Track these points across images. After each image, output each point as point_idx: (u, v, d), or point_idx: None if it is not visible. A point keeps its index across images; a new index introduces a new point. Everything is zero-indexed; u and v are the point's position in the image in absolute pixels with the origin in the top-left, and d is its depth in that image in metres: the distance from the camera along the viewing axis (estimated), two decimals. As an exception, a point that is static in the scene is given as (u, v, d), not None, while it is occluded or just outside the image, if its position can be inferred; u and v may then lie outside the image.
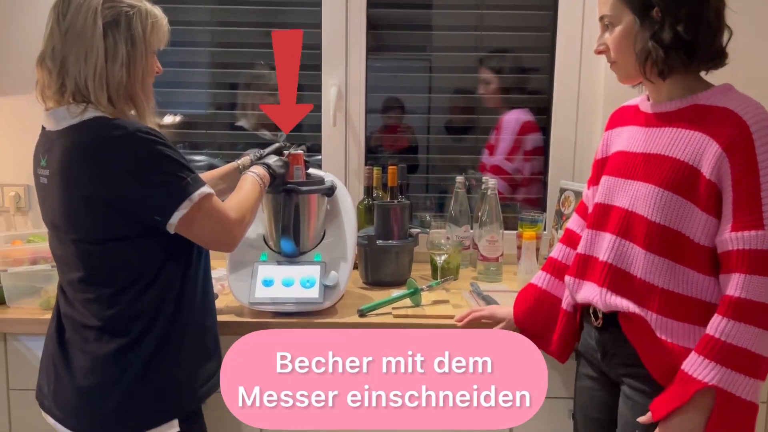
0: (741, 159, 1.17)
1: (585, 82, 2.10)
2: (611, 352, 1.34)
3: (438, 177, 2.35)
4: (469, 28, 2.23)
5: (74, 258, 1.27)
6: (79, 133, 1.22)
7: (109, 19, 1.22)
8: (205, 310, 1.39)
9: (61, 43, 1.22)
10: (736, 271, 1.17)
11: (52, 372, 1.31)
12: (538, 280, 1.54)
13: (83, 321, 1.27)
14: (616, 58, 1.30)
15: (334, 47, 2.11)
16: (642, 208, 1.26)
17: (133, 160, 1.20)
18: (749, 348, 1.16)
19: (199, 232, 1.28)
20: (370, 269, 1.89)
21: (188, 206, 1.23)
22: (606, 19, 1.29)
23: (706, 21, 1.22)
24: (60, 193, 1.23)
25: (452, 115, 2.37)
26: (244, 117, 2.28)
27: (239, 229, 1.34)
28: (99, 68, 1.21)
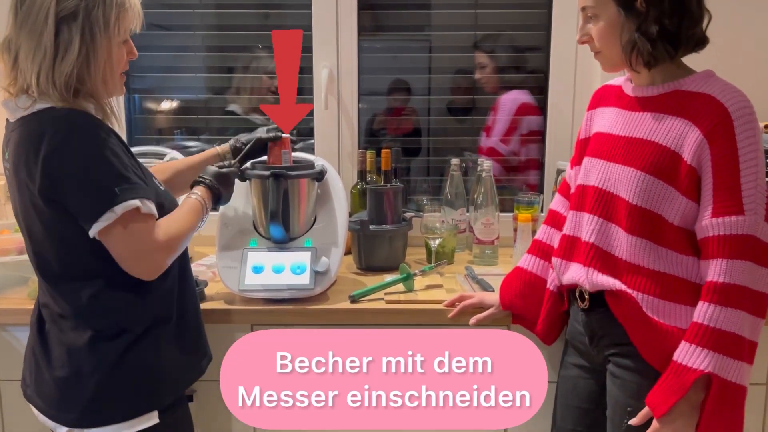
0: (721, 145, 1.18)
1: (582, 61, 2.06)
2: (599, 334, 1.35)
3: (438, 159, 2.32)
4: (467, 6, 2.18)
5: (37, 251, 1.25)
6: (25, 126, 1.19)
7: (65, 12, 1.16)
8: (183, 302, 1.36)
9: (15, 36, 1.18)
10: (717, 257, 1.19)
11: (32, 362, 1.30)
12: (525, 262, 1.54)
13: (59, 311, 1.26)
14: (600, 49, 1.30)
15: (324, 28, 2.07)
16: (623, 191, 1.26)
17: (72, 158, 1.15)
18: (737, 332, 1.18)
19: (116, 248, 1.19)
20: (364, 254, 1.86)
21: (110, 218, 1.16)
22: (589, 11, 1.28)
23: (689, 10, 1.22)
24: (17, 186, 1.21)
25: (453, 96, 2.33)
26: (236, 101, 2.24)
27: (163, 254, 1.24)
28: (46, 66, 1.16)
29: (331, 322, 1.57)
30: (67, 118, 1.17)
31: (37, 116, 1.18)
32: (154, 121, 2.26)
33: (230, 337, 1.57)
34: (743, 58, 1.90)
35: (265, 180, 1.60)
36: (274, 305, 1.57)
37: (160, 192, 1.32)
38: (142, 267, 1.22)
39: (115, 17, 1.20)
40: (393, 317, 1.56)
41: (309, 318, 1.56)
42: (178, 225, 1.28)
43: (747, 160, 1.18)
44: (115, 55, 1.23)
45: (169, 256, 1.26)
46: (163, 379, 1.30)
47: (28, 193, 1.19)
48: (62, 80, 1.17)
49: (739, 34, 1.91)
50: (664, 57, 1.24)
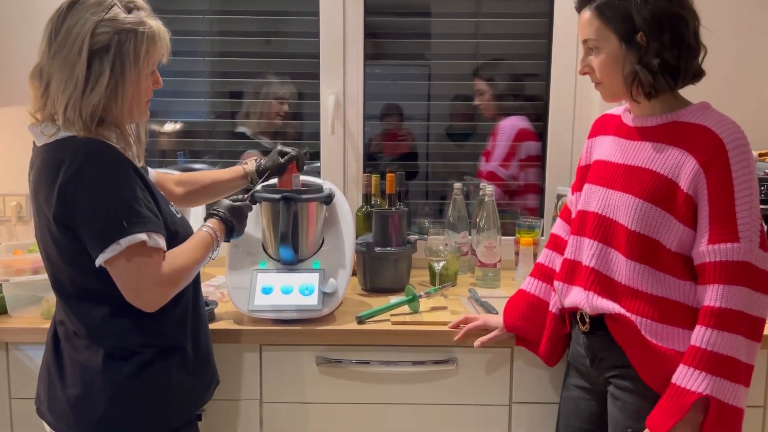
0: (717, 174, 1.22)
1: (581, 89, 2.12)
2: (599, 356, 1.38)
3: (438, 183, 2.36)
4: (467, 35, 2.25)
5: (53, 271, 1.28)
6: (47, 153, 1.22)
7: (98, 45, 1.19)
8: (195, 327, 1.39)
9: (48, 65, 1.21)
10: (714, 282, 1.23)
11: (47, 379, 1.33)
12: (528, 285, 1.58)
13: (74, 329, 1.29)
14: (602, 80, 1.35)
15: (332, 56, 2.13)
16: (622, 218, 1.31)
17: (86, 187, 1.18)
18: (734, 355, 1.21)
19: (119, 280, 1.21)
20: (369, 276, 1.90)
21: (115, 250, 1.18)
22: (590, 43, 1.33)
23: (687, 43, 1.27)
24: (34, 209, 1.25)
25: (452, 121, 2.39)
26: (245, 124, 2.29)
27: (165, 288, 1.24)
28: (75, 97, 1.19)
29: (339, 343, 1.60)
30: (86, 147, 1.20)
31: (59, 144, 1.22)
32: (157, 143, 2.30)
33: (239, 357, 1.60)
34: (736, 90, 1.96)
35: (275, 203, 1.64)
36: (283, 326, 1.60)
37: (176, 220, 1.35)
38: (143, 300, 1.23)
39: (146, 51, 1.23)
40: (399, 338, 1.60)
41: (317, 338, 1.59)
42: (184, 258, 1.28)
43: (741, 189, 1.22)
44: (143, 86, 1.27)
45: (171, 290, 1.26)
46: (172, 402, 1.32)
47: (45, 217, 1.23)
48: (89, 111, 1.20)
49: (732, 68, 1.98)
50: (664, 88, 1.29)
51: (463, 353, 1.60)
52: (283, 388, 1.62)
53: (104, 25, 1.19)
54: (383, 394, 1.62)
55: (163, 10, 1.33)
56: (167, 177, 1.59)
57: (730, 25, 1.92)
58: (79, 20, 1.19)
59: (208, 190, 1.63)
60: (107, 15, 1.20)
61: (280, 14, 2.24)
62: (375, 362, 1.60)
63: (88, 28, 1.18)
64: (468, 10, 2.22)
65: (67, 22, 1.20)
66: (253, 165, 1.66)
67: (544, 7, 2.15)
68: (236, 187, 1.67)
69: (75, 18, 1.19)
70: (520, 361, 1.60)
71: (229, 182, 1.65)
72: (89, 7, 1.20)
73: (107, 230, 1.18)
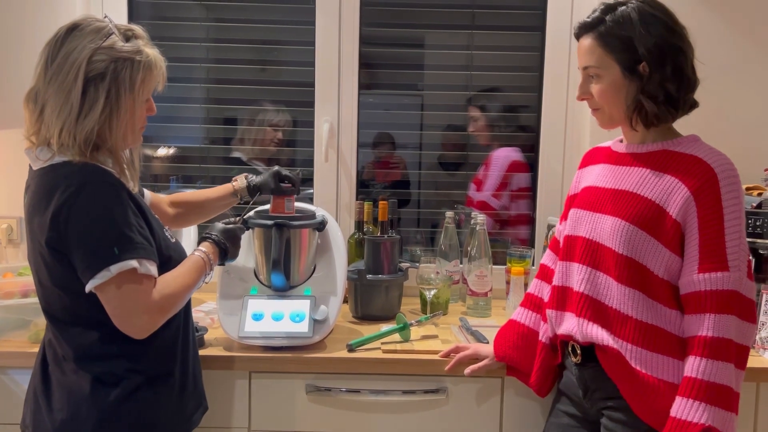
0: (707, 203, 1.24)
1: (572, 120, 2.16)
2: (592, 387, 1.38)
3: (429, 211, 2.38)
4: (460, 67, 2.28)
5: (43, 295, 1.28)
6: (42, 178, 1.23)
7: (94, 73, 1.20)
8: (185, 353, 1.38)
9: (44, 89, 1.22)
10: (705, 311, 1.23)
11: (33, 403, 1.31)
12: (518, 315, 1.58)
13: (62, 353, 1.28)
14: (601, 106, 1.36)
15: (326, 84, 2.16)
16: (609, 241, 1.32)
17: (78, 213, 1.18)
18: (728, 384, 1.22)
19: (108, 306, 1.21)
20: (360, 303, 1.90)
21: (105, 276, 1.17)
22: (591, 70, 1.35)
23: (686, 76, 1.30)
24: (27, 232, 1.25)
25: (444, 151, 2.41)
26: (240, 149, 2.31)
27: (155, 315, 1.23)
28: (69, 123, 1.19)
29: (329, 371, 1.59)
30: (81, 173, 1.20)
31: (54, 169, 1.22)
32: (150, 168, 2.30)
33: (228, 384, 1.59)
34: (723, 123, 1.99)
35: (268, 229, 1.64)
36: (273, 353, 1.59)
37: (170, 245, 1.34)
38: (132, 327, 1.22)
39: (141, 79, 1.24)
40: (390, 367, 1.59)
41: (307, 366, 1.58)
42: (175, 284, 1.27)
43: (731, 219, 1.24)
44: (137, 113, 1.27)
45: (161, 317, 1.25)
46: (158, 428, 1.31)
47: (38, 241, 1.22)
48: (83, 136, 1.20)
49: (720, 101, 2.01)
50: (666, 119, 1.32)
51: (454, 383, 1.60)
52: (272, 416, 1.61)
53: (101, 52, 1.20)
54: (373, 423, 1.61)
55: (161, 38, 1.34)
56: (161, 198, 1.59)
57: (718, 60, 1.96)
58: (77, 47, 1.20)
59: (200, 209, 1.63)
60: (105, 43, 1.21)
61: (276, 43, 2.27)
62: (365, 391, 1.59)
63: (85, 55, 1.19)
64: (461, 43, 2.26)
65: (64, 47, 1.21)
66: (243, 182, 1.66)
67: (536, 41, 2.20)
68: (227, 205, 1.67)
69: (73, 44, 1.20)
70: (511, 391, 1.60)
71: (219, 200, 1.64)
72: (87, 35, 1.21)
73: (97, 256, 1.18)
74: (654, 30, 1.28)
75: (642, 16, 1.28)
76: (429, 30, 2.28)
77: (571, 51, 2.14)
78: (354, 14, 2.13)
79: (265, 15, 2.23)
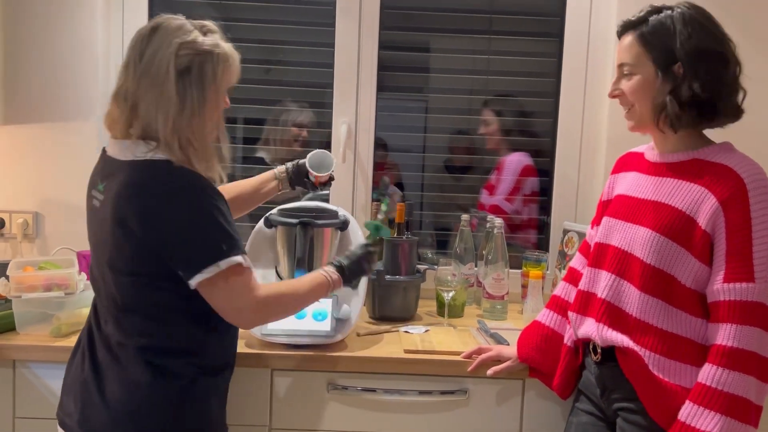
0: (735, 213, 1.24)
1: (588, 126, 2.18)
2: (610, 387, 1.39)
3: (433, 215, 2.38)
4: (476, 71, 2.30)
5: (109, 282, 1.28)
6: (142, 172, 1.24)
7: (182, 66, 1.23)
8: (235, 346, 1.42)
9: (135, 86, 1.25)
10: (726, 321, 1.23)
11: (79, 391, 1.30)
12: (543, 317, 1.58)
13: (118, 340, 1.28)
14: (633, 103, 1.36)
15: (345, 86, 2.17)
16: (638, 251, 1.32)
17: (180, 212, 1.22)
18: (744, 396, 1.20)
19: (216, 300, 1.26)
20: (378, 304, 1.90)
21: (213, 271, 1.22)
22: (626, 68, 1.35)
23: (724, 82, 1.29)
24: (108, 220, 1.25)
25: (453, 154, 2.42)
26: (265, 149, 2.31)
27: (259, 312, 1.31)
28: (171, 116, 1.23)
29: (351, 370, 1.59)
30: (181, 172, 1.24)
31: (154, 165, 1.24)
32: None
33: (249, 382, 1.59)
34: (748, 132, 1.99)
35: (292, 227, 1.65)
36: (295, 351, 1.60)
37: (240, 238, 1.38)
38: (241, 318, 1.31)
39: (222, 71, 1.28)
40: (412, 367, 1.60)
41: (329, 365, 1.59)
42: (286, 285, 1.39)
43: (760, 229, 1.24)
44: (220, 105, 1.32)
45: (267, 310, 1.32)
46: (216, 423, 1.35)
47: (125, 234, 1.23)
48: (184, 131, 1.24)
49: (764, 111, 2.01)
50: (689, 123, 1.31)
51: (475, 384, 1.61)
52: (293, 414, 1.61)
53: (186, 47, 1.24)
54: (394, 423, 1.61)
55: None
56: None
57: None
58: (163, 43, 1.24)
59: (249, 199, 1.67)
60: (188, 38, 1.25)
61: (292, 44, 2.26)
62: (388, 390, 1.60)
63: (172, 50, 1.23)
64: (479, 48, 2.28)
65: (151, 45, 1.24)
66: (283, 169, 1.71)
67: (553, 47, 2.22)
68: (268, 193, 1.70)
69: (159, 41, 1.24)
70: (532, 393, 1.61)
71: (261, 185, 1.68)
72: (172, 31, 1.25)
73: (206, 254, 1.22)
74: (695, 34, 1.28)
75: (685, 20, 1.29)
76: (446, 34, 2.29)
77: (588, 58, 2.16)
78: (374, 17, 2.15)
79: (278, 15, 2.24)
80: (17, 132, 2.06)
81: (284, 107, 2.28)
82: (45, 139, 2.05)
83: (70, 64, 2.04)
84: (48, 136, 2.05)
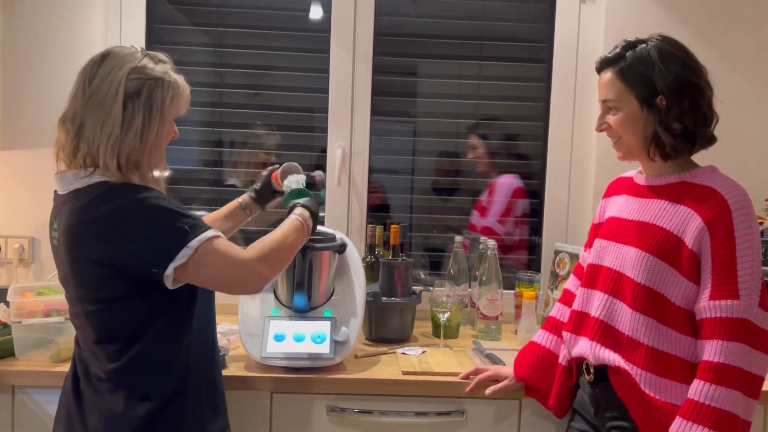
0: (720, 233, 1.28)
1: (577, 149, 2.23)
2: (604, 406, 1.42)
3: (423, 236, 2.41)
4: (466, 96, 2.35)
5: (80, 315, 1.29)
6: (82, 199, 1.25)
7: (131, 90, 1.25)
8: (212, 367, 1.40)
9: (82, 108, 1.26)
10: (714, 338, 1.27)
11: (65, 422, 1.32)
12: (540, 338, 1.62)
13: (95, 372, 1.29)
14: (620, 137, 1.42)
15: (340, 111, 2.21)
16: (629, 270, 1.36)
17: (130, 219, 1.22)
18: (731, 410, 1.24)
19: (207, 278, 1.26)
20: (375, 326, 1.92)
21: (187, 254, 1.21)
22: (610, 103, 1.41)
23: (702, 112, 1.35)
24: (66, 254, 1.26)
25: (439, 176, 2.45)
26: (235, 175, 2.33)
27: (254, 269, 1.28)
28: (113, 136, 1.24)
29: (350, 392, 1.61)
30: (120, 187, 1.25)
31: (93, 188, 1.25)
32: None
33: (249, 405, 1.60)
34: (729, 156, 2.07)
35: (291, 251, 1.66)
36: (294, 373, 1.61)
37: None
38: (242, 283, 1.29)
39: (170, 99, 1.30)
40: (410, 388, 1.62)
41: (329, 387, 1.60)
42: (270, 238, 1.35)
43: (743, 248, 1.29)
44: (165, 133, 1.33)
45: (266, 265, 1.30)
46: None
47: (85, 261, 1.23)
48: (125, 151, 1.25)
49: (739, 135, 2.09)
50: (683, 151, 1.37)
51: (472, 404, 1.63)
52: (293, 437, 1.62)
53: (136, 71, 1.27)
54: (393, 445, 1.63)
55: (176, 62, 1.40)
56: None
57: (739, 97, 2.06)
58: (114, 66, 1.26)
59: None
60: (139, 63, 1.28)
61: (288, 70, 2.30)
62: (385, 412, 1.61)
63: (123, 72, 1.25)
64: (471, 72, 2.33)
65: (102, 69, 1.26)
66: (247, 197, 1.71)
67: (542, 72, 2.28)
68: (237, 224, 1.71)
69: (110, 65, 1.27)
70: (528, 412, 1.63)
71: (226, 218, 1.68)
72: (123, 57, 1.28)
73: (173, 242, 1.21)
74: (673, 67, 1.34)
75: (661, 54, 1.35)
76: (438, 60, 2.35)
77: (576, 83, 2.22)
78: (368, 43, 2.20)
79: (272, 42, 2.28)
80: (14, 157, 2.07)
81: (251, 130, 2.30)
82: (41, 164, 2.05)
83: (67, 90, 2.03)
84: (44, 161, 2.01)
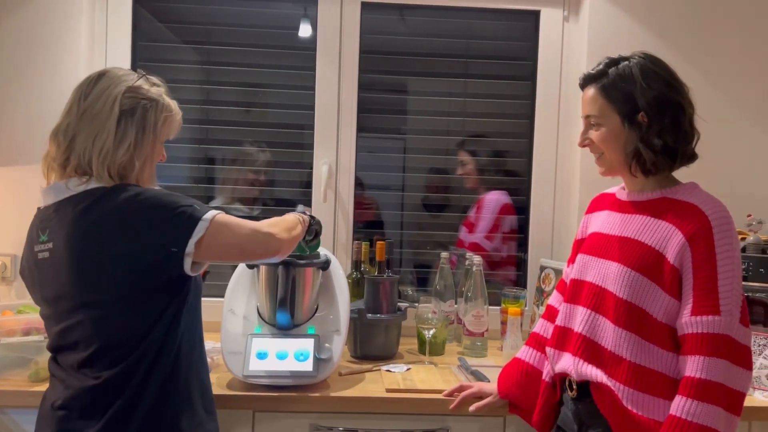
0: (701, 249, 1.29)
1: (561, 166, 2.24)
2: (587, 423, 1.41)
3: (413, 252, 2.41)
4: (452, 113, 2.36)
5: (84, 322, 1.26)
6: (82, 203, 1.25)
7: (126, 107, 1.29)
8: (201, 368, 1.40)
9: (75, 121, 1.28)
10: (695, 353, 1.27)
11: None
12: (523, 354, 1.61)
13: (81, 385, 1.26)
14: (602, 153, 1.43)
15: (326, 128, 2.22)
16: (612, 285, 1.37)
17: (143, 211, 1.23)
18: (714, 427, 1.24)
19: (226, 242, 1.28)
20: (360, 343, 1.91)
21: (204, 227, 1.24)
22: (592, 119, 1.42)
23: (683, 129, 1.37)
24: (71, 260, 1.24)
25: (429, 193, 2.46)
26: (221, 193, 2.32)
27: (267, 229, 1.33)
28: (105, 150, 1.27)
29: (334, 410, 1.60)
30: (122, 186, 1.28)
31: (93, 192, 1.26)
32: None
33: (231, 424, 1.58)
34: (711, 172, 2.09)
35: (274, 268, 1.66)
36: (276, 392, 1.59)
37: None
38: (264, 245, 1.32)
39: (163, 120, 1.35)
40: (394, 406, 1.60)
41: (312, 405, 1.59)
42: (279, 220, 1.42)
43: (724, 264, 1.29)
44: (156, 152, 1.36)
45: (275, 226, 1.36)
46: None
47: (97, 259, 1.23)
48: (115, 165, 1.28)
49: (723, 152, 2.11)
50: (664, 168, 1.38)
51: (456, 421, 1.62)
52: (275, 456, 1.60)
53: (132, 90, 1.31)
54: (377, 463, 1.61)
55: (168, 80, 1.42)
56: None
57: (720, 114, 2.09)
58: (111, 84, 1.30)
59: None
60: (136, 83, 1.32)
61: (274, 87, 2.31)
62: (372, 430, 1.60)
63: (119, 90, 1.29)
64: (456, 90, 2.35)
65: (98, 85, 1.30)
66: None
67: (527, 89, 2.30)
68: None
69: (106, 83, 1.30)
70: (512, 429, 1.63)
71: None
72: (119, 76, 1.32)
73: (187, 219, 1.24)
74: (654, 84, 1.35)
75: (643, 71, 1.36)
76: (423, 77, 2.37)
77: (560, 100, 2.24)
78: (353, 60, 2.21)
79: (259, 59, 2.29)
80: None
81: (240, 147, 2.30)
82: (24, 181, 2.05)
83: (52, 107, 2.03)
84: (27, 178, 2.05)
